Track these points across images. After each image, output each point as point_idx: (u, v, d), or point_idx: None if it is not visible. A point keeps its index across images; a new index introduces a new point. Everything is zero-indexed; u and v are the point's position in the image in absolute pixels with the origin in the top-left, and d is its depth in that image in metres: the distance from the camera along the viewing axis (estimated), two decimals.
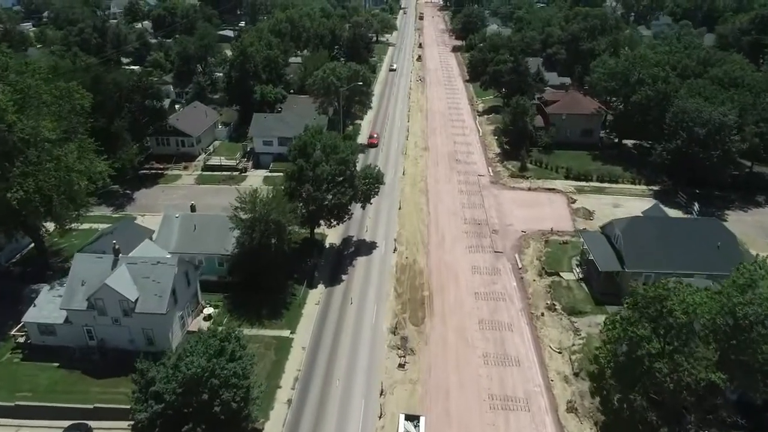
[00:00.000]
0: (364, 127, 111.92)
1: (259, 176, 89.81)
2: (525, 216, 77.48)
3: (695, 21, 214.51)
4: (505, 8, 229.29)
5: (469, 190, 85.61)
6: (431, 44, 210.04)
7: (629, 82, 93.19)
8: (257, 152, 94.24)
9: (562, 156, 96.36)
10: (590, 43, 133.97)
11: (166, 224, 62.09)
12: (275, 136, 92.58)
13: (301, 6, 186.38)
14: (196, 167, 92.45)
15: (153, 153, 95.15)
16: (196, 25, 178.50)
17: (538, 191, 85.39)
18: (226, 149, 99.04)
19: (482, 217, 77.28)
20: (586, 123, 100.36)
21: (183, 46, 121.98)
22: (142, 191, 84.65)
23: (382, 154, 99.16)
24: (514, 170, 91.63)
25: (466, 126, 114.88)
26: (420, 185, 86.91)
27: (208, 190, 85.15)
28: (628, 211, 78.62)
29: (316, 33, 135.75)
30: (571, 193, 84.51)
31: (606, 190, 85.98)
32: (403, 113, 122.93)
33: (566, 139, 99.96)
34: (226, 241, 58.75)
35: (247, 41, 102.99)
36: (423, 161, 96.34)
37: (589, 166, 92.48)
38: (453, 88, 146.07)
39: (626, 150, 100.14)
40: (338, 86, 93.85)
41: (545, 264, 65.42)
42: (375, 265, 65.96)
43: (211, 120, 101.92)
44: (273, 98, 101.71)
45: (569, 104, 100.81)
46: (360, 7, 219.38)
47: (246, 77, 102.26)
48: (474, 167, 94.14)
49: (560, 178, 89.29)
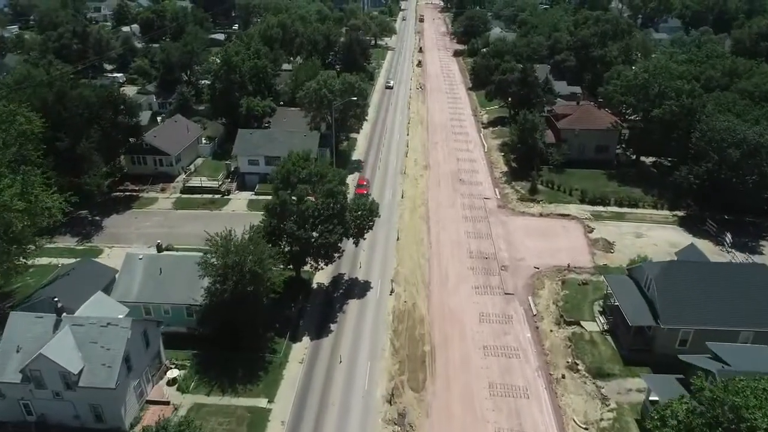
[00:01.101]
0: (360, 142, 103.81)
1: (243, 200, 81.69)
2: (537, 248, 69.35)
3: (705, 24, 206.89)
4: (508, 10, 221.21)
5: (475, 216, 77.47)
6: (432, 48, 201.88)
7: (649, 95, 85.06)
8: (242, 172, 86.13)
9: (575, 175, 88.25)
10: (601, 50, 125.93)
11: (128, 267, 53.93)
12: (262, 155, 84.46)
13: (296, 9, 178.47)
14: (175, 189, 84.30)
15: (128, 173, 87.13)
16: (186, 28, 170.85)
17: (550, 218, 77.23)
18: (209, 168, 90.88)
19: (490, 249, 69.13)
20: (601, 139, 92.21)
21: (166, 53, 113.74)
22: (112, 218, 76.48)
23: (380, 173, 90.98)
24: (523, 193, 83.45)
25: (470, 140, 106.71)
26: (420, 210, 78.74)
27: (186, 217, 77.00)
28: (652, 242, 70.80)
29: (310, 39, 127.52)
30: (587, 220, 76.37)
31: (626, 216, 77.80)
32: (402, 125, 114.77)
33: (579, 156, 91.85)
34: (197, 288, 50.57)
35: (232, 50, 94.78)
36: (423, 181, 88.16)
37: (606, 188, 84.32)
38: (455, 96, 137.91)
39: (645, 169, 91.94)
40: (331, 100, 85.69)
41: (563, 310, 57.25)
42: (369, 310, 57.81)
43: (193, 135, 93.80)
44: (260, 112, 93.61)
45: (582, 118, 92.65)
46: (358, 10, 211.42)
47: (231, 89, 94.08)
48: (479, 189, 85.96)
49: (574, 201, 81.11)
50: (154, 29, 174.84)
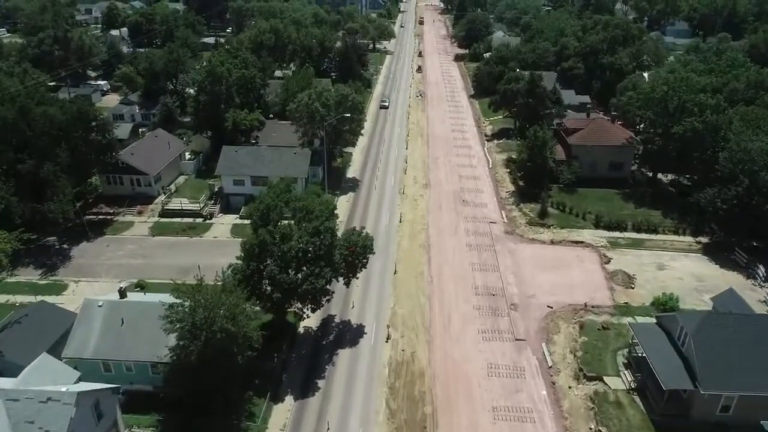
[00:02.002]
0: (356, 157, 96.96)
1: (227, 224, 74.86)
2: (550, 282, 62.55)
3: (714, 28, 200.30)
4: (511, 13, 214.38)
5: (480, 243, 70.64)
6: (432, 52, 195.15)
7: (668, 109, 78.31)
8: (226, 193, 79.35)
9: (587, 196, 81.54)
10: (611, 56, 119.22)
11: (86, 316, 47.12)
12: (247, 174, 77.72)
13: (291, 12, 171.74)
14: (153, 212, 77.46)
15: (103, 194, 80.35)
16: (176, 33, 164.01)
17: (563, 246, 70.42)
18: (192, 187, 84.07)
19: (497, 284, 62.31)
20: (615, 155, 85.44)
21: (150, 60, 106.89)
22: (82, 246, 69.63)
23: (376, 194, 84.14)
24: (532, 216, 76.64)
25: (473, 155, 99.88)
26: (420, 237, 71.90)
27: (163, 245, 70.20)
28: (676, 274, 64.08)
29: (303, 45, 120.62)
30: (603, 248, 69.58)
31: (645, 243, 71.03)
32: (401, 137, 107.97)
33: (591, 174, 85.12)
34: (165, 341, 43.74)
35: (217, 60, 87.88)
36: (423, 203, 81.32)
37: (622, 211, 77.56)
38: (457, 105, 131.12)
39: (662, 188, 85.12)
40: (324, 114, 78.89)
41: (582, 362, 50.44)
42: (362, 361, 50.99)
43: (175, 151, 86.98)
44: (248, 126, 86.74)
45: (595, 133, 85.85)
46: (356, 13, 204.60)
47: (216, 101, 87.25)
48: (484, 211, 79.16)
49: (588, 226, 74.32)
50: (143, 33, 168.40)
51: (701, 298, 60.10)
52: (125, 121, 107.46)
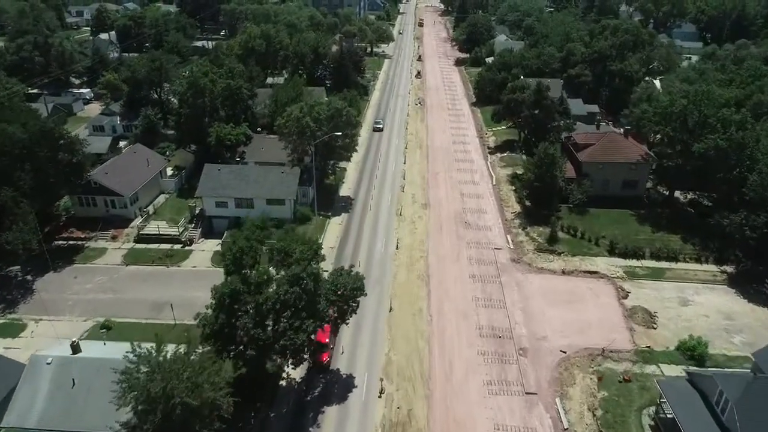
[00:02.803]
0: (350, 174, 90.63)
1: (208, 251, 68.59)
2: (562, 321, 56.33)
3: (722, 30, 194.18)
4: (513, 15, 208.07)
5: (484, 274, 64.39)
6: (432, 56, 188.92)
7: (688, 124, 72.11)
8: (208, 215, 73.13)
9: (600, 217, 75.38)
10: (621, 63, 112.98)
11: (32, 376, 40.92)
12: (231, 196, 71.52)
13: (285, 15, 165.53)
14: (128, 237, 71.22)
15: (76, 216, 74.12)
16: (167, 36, 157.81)
17: (575, 276, 64.17)
18: (172, 208, 77.80)
19: (503, 323, 56.08)
20: (629, 173, 79.22)
21: (131, 68, 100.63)
22: (47, 277, 63.40)
23: (371, 215, 77.87)
24: (540, 241, 70.39)
25: (476, 169, 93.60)
26: (418, 267, 65.62)
27: (137, 276, 63.96)
28: (702, 311, 57.98)
29: (295, 51, 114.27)
30: (619, 279, 63.37)
31: (665, 273, 64.80)
32: (398, 150, 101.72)
33: (603, 193, 79.01)
34: (122, 409, 37.47)
35: (199, 71, 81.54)
36: (422, 225, 75.07)
37: (638, 235, 71.37)
38: (457, 113, 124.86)
39: (680, 208, 78.90)
40: (315, 130, 72.66)
41: (603, 424, 44.20)
42: (351, 422, 44.73)
43: (155, 168, 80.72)
44: (233, 140, 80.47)
45: (607, 149, 79.60)
46: (353, 15, 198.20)
47: (200, 114, 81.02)
48: (488, 235, 72.90)
49: (602, 253, 68.09)
50: (132, 37, 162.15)
51: (732, 341, 54.07)
52: (105, 133, 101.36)
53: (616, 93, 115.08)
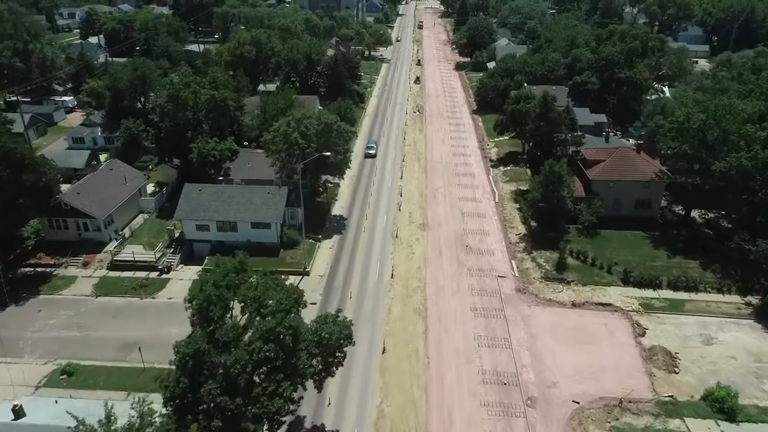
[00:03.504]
0: (344, 190, 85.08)
1: (187, 280, 62.80)
2: (574, 364, 50.85)
3: (730, 33, 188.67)
4: (515, 18, 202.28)
5: (487, 307, 58.88)
6: (431, 59, 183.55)
7: (707, 141, 66.62)
8: (189, 239, 67.65)
9: (611, 240, 69.93)
10: (629, 70, 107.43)
11: None
12: (212, 219, 66.02)
13: (280, 18, 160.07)
14: (101, 263, 65.74)
15: (46, 239, 68.63)
16: (157, 40, 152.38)
17: (587, 309, 58.66)
18: (151, 230, 72.29)
19: (509, 366, 50.59)
20: (642, 192, 73.67)
21: (113, 77, 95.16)
22: (9, 311, 57.96)
23: (365, 237, 72.33)
24: (548, 268, 64.87)
25: (477, 185, 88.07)
26: (415, 299, 60.09)
27: (107, 309, 58.49)
28: (728, 351, 52.65)
29: (288, 58, 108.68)
30: (635, 313, 57.88)
31: (684, 305, 59.33)
32: (395, 163, 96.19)
33: (614, 213, 73.55)
34: None
35: (180, 82, 75.96)
36: (420, 249, 69.54)
37: (653, 261, 65.87)
38: (458, 122, 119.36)
39: (697, 230, 73.36)
40: (304, 147, 67.17)
41: None
42: None
43: (133, 186, 75.21)
44: (218, 156, 74.97)
45: (619, 166, 74.09)
46: (350, 18, 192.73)
47: (181, 128, 75.56)
48: (491, 260, 67.38)
49: (616, 282, 62.62)
50: (121, 41, 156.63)
51: (764, 388, 48.69)
52: (86, 145, 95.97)
53: (624, 101, 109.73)
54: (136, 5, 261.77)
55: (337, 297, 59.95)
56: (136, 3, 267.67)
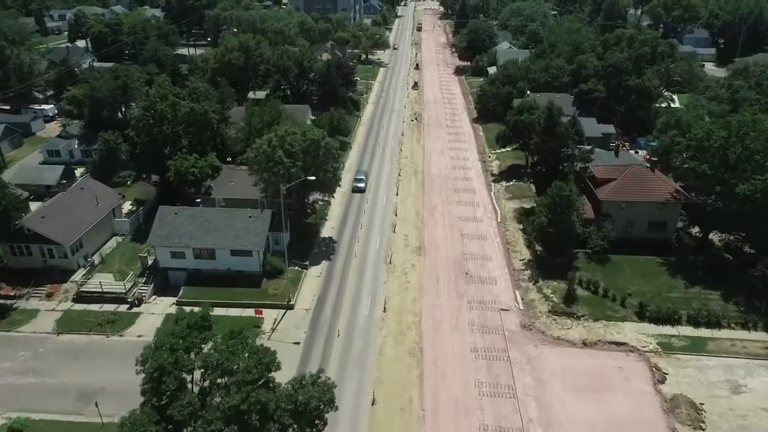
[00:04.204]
0: (335, 208, 79.39)
1: (159, 314, 57.55)
2: (587, 417, 45.24)
3: (737, 36, 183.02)
4: (516, 20, 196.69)
5: (489, 347, 53.22)
6: (430, 63, 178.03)
7: (728, 161, 60.97)
8: (163, 267, 62.05)
9: (623, 267, 64.31)
10: (638, 78, 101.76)
11: None
12: (188, 246, 60.40)
13: (273, 21, 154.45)
14: (67, 294, 60.16)
15: (9, 266, 62.89)
16: (142, 46, 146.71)
17: (599, 349, 53.05)
18: (124, 255, 66.65)
19: (514, 421, 44.97)
20: (656, 213, 68.00)
21: (91, 87, 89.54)
22: None
23: (356, 264, 66.63)
24: (556, 301, 59.25)
25: (478, 202, 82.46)
26: (409, 337, 54.46)
27: (68, 349, 52.92)
28: (758, 402, 47.13)
29: (278, 65, 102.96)
30: (653, 354, 52.28)
31: (707, 344, 53.72)
32: (391, 177, 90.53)
33: (626, 235, 67.99)
34: None
35: (156, 94, 70.29)
36: (415, 278, 63.89)
37: (670, 292, 60.23)
38: (457, 131, 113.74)
39: (716, 255, 67.62)
40: (288, 166, 61.52)
41: None
42: None
43: (106, 206, 69.61)
44: (198, 174, 69.35)
45: (631, 186, 68.42)
46: (347, 20, 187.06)
47: (159, 144, 69.96)
48: (493, 291, 61.74)
49: (630, 317, 56.98)
50: (108, 45, 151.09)
51: None
52: (62, 158, 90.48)
53: (632, 110, 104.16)
54: (129, 7, 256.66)
55: (324, 334, 54.35)
56: (130, 4, 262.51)
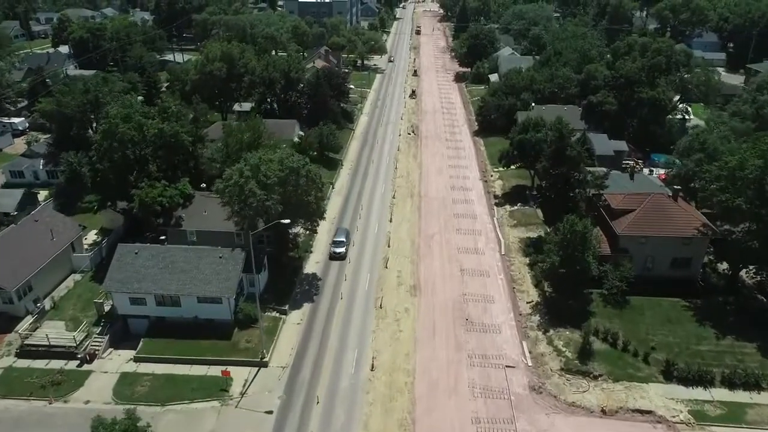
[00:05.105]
0: (321, 236, 71.69)
1: (113, 372, 50.03)
2: None
3: (749, 40, 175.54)
4: (518, 24, 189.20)
5: (493, 416, 45.66)
6: (429, 69, 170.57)
7: (765, 193, 53.45)
8: (121, 314, 54.57)
9: (644, 312, 56.86)
10: (652, 90, 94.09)
11: None
12: (149, 292, 52.88)
13: (264, 26, 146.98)
14: (10, 347, 52.67)
15: None
16: (130, 51, 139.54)
17: (621, 420, 45.51)
18: (81, 298, 59.12)
19: None
20: (680, 249, 60.54)
21: (58, 102, 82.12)
22: None
23: (342, 308, 59.01)
24: (569, 356, 51.70)
25: (479, 229, 74.93)
26: (400, 404, 46.84)
27: (3, 420, 45.36)
28: None
29: (263, 77, 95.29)
30: (685, 426, 44.74)
31: (746, 412, 46.21)
32: (384, 201, 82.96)
33: (646, 273, 60.61)
34: None
35: (116, 114, 62.63)
36: (409, 325, 56.30)
37: (699, 344, 52.83)
38: (457, 146, 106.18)
39: (749, 297, 60.08)
40: (263, 199, 53.98)
41: None
42: None
43: (63, 240, 62.18)
44: (166, 204, 61.78)
45: (652, 218, 60.88)
46: (342, 25, 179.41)
47: (122, 170, 62.44)
48: (497, 341, 54.18)
49: (654, 376, 49.49)
50: (89, 51, 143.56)
51: None
52: (26, 179, 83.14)
53: (645, 123, 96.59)
54: (120, 9, 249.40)
55: (301, 401, 46.86)
56: (120, 7, 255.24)
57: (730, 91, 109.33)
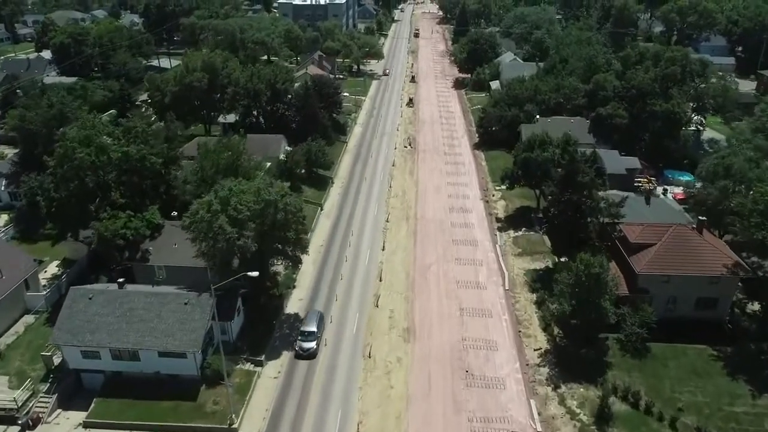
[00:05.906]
0: (307, 268, 64.95)
1: None
2: None
3: (759, 44, 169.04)
4: (520, 27, 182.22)
5: None
6: (427, 74, 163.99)
7: None
8: (73, 369, 47.84)
9: (667, 362, 50.31)
10: (666, 102, 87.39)
11: None
12: (103, 345, 46.16)
13: (255, 31, 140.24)
14: None
15: None
16: (113, 57, 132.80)
17: None
18: (32, 345, 52.36)
19: None
20: (707, 288, 53.87)
21: (21, 117, 75.45)
22: None
23: (326, 356, 52.23)
24: (584, 420, 44.97)
25: (481, 259, 68.16)
26: None
27: None
28: None
29: (247, 88, 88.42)
30: None
31: None
32: (377, 225, 76.24)
33: (668, 314, 53.96)
34: None
35: (75, 136, 55.82)
36: (401, 379, 49.54)
37: (733, 405, 46.17)
38: (456, 161, 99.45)
39: None
40: (233, 237, 47.30)
41: None
42: None
43: (14, 278, 55.43)
44: (131, 237, 55.04)
45: (675, 254, 54.17)
46: (337, 29, 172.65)
47: (80, 199, 55.73)
48: (501, 399, 47.43)
49: None
50: (71, 57, 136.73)
51: None
52: None
53: (657, 138, 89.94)
54: (111, 11, 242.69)
55: None
56: (111, 9, 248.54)
57: (741, 99, 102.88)
